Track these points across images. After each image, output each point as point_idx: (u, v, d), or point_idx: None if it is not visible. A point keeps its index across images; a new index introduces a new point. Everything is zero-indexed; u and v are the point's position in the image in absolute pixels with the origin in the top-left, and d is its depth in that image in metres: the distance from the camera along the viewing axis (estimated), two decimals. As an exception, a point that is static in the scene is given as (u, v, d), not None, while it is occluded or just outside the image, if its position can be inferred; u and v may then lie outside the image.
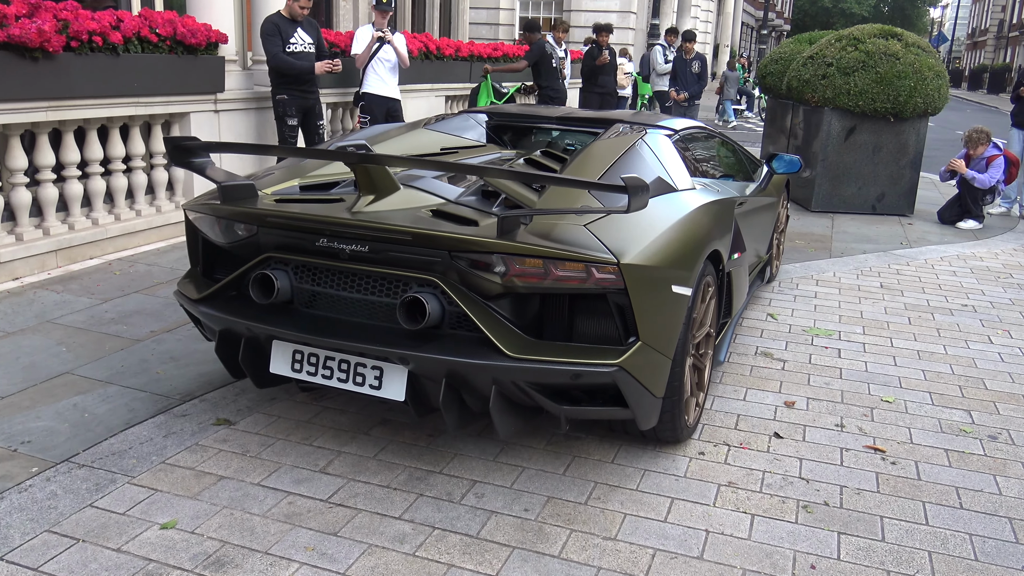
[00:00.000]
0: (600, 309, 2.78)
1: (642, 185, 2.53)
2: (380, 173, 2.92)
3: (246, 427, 3.28)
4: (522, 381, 2.68)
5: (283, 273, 2.91)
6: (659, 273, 2.84)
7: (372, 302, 2.86)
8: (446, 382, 2.74)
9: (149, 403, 3.44)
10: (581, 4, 22.86)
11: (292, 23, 6.57)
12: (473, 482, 2.94)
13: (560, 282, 2.67)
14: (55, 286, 4.86)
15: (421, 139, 4.04)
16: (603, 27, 11.20)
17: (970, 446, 3.40)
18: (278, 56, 6.45)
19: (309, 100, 6.79)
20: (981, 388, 4.02)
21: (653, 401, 2.92)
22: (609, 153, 3.46)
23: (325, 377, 2.87)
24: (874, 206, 8.60)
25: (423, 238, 2.68)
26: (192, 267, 3.41)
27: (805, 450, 3.30)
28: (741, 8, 43.83)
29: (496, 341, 2.65)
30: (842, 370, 4.17)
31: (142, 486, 2.83)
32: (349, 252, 2.80)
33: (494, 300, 2.76)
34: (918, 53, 8.23)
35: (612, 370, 2.66)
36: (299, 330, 2.82)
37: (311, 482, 2.90)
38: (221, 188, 3.04)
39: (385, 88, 7.61)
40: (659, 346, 2.85)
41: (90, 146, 5.44)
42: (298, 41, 6.57)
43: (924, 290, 5.74)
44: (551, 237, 2.69)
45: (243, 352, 3.05)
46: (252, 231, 3.01)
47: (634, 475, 3.04)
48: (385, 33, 7.50)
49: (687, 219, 3.25)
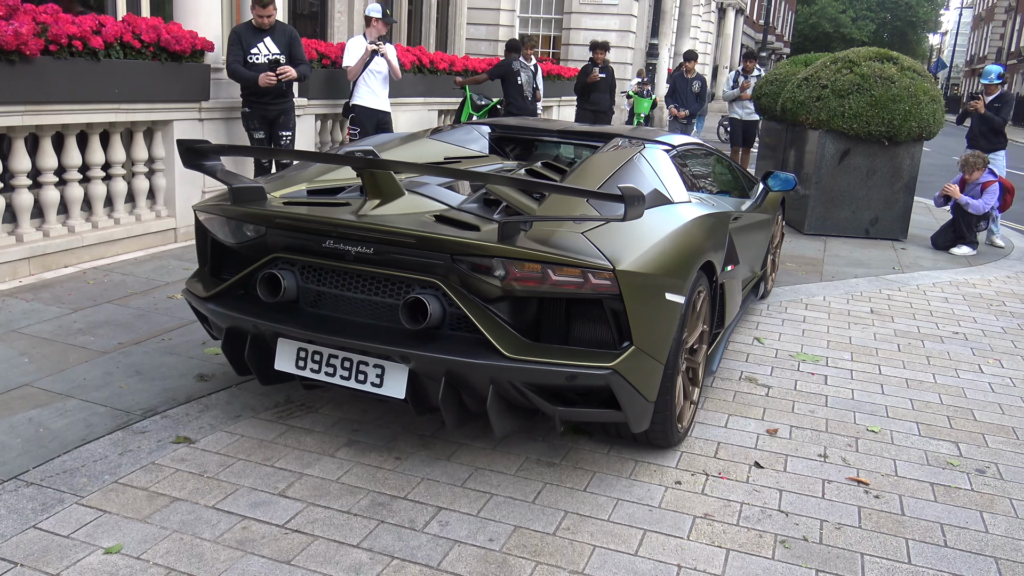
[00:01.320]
0: (596, 314, 2.87)
1: (638, 195, 2.63)
2: (386, 178, 3.01)
3: (207, 446, 3.16)
4: (518, 381, 2.76)
5: (290, 273, 3.01)
6: (653, 280, 2.93)
7: (375, 302, 2.94)
8: (445, 381, 2.82)
9: (108, 418, 3.32)
10: (581, 23, 22.90)
11: (257, 32, 6.31)
12: (438, 509, 2.82)
13: (557, 286, 2.75)
14: (25, 294, 4.74)
15: (425, 148, 4.14)
16: (598, 45, 11.16)
17: (956, 480, 3.28)
18: (230, 66, 6.27)
19: (271, 111, 6.49)
20: (970, 419, 3.91)
21: (645, 405, 2.99)
22: (607, 165, 3.55)
23: (328, 375, 2.97)
24: (867, 230, 8.51)
25: (426, 241, 2.78)
26: (200, 266, 3.50)
27: (786, 481, 3.18)
28: (741, 30, 44.00)
29: (494, 342, 2.74)
30: (828, 397, 4.06)
31: (91, 507, 2.70)
32: (354, 254, 2.89)
33: (493, 303, 2.84)
34: (913, 77, 8.17)
35: (605, 373, 2.75)
36: (304, 328, 2.92)
37: (268, 506, 2.77)
38: (232, 190, 3.14)
39: (375, 100, 7.53)
40: (652, 351, 2.93)
41: (68, 152, 5.34)
42: (260, 51, 6.30)
43: (915, 316, 5.64)
44: (550, 243, 2.78)
45: (249, 349, 3.14)
46: (260, 232, 3.10)
47: (607, 504, 2.92)
48: (379, 45, 7.42)
49: (682, 230, 3.34)
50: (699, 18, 32.66)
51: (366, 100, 7.47)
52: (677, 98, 11.40)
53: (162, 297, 4.89)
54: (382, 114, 7.61)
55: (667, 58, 25.80)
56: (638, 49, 23.68)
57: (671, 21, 26.36)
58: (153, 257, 5.76)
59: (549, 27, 23.76)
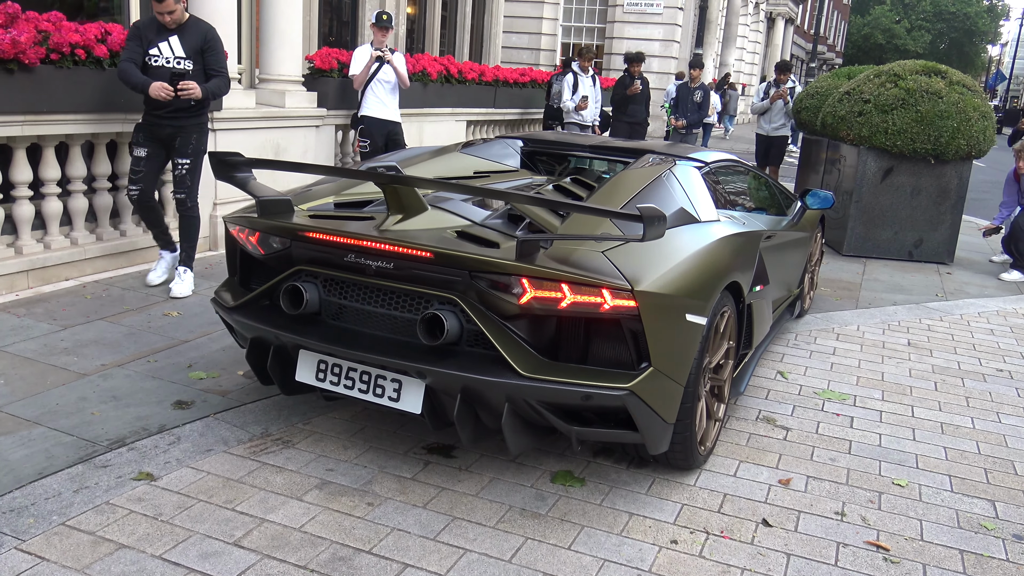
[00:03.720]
0: (614, 334, 2.83)
1: (658, 215, 2.58)
2: (408, 194, 3.03)
3: (168, 484, 2.96)
4: (534, 400, 2.74)
5: (312, 286, 3.03)
6: (673, 301, 2.88)
7: (395, 317, 2.95)
8: (461, 397, 2.82)
9: (72, 449, 3.14)
10: (624, 32, 22.59)
11: (162, 30, 4.90)
12: (404, 566, 2.57)
13: (575, 306, 2.72)
14: (18, 309, 4.62)
15: (455, 163, 4.17)
16: (634, 57, 10.89)
17: (990, 547, 2.94)
18: (120, 64, 4.87)
19: (164, 129, 4.97)
20: (1010, 473, 3.55)
21: (664, 426, 2.95)
22: (635, 183, 3.50)
23: (347, 387, 2.98)
24: (911, 252, 8.08)
25: (444, 257, 2.78)
26: (230, 276, 3.54)
27: (796, 543, 2.87)
28: (791, 40, 43.23)
29: (510, 359, 2.72)
30: (852, 443, 3.73)
31: (29, 552, 2.51)
32: (375, 268, 2.91)
33: (511, 320, 2.83)
34: (963, 92, 7.73)
35: (622, 393, 2.72)
36: (324, 341, 2.94)
37: (219, 557, 2.55)
38: (259, 202, 3.18)
39: (384, 111, 7.31)
40: (671, 373, 2.89)
41: (73, 163, 5.22)
42: (161, 53, 4.88)
43: (956, 350, 5.25)
44: (569, 262, 2.75)
45: (271, 360, 3.17)
46: (286, 244, 3.13)
47: (591, 566, 2.64)
48: (384, 52, 7.20)
49: (706, 250, 3.27)
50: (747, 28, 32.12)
51: (374, 111, 7.28)
52: (678, 107, 11.13)
53: (158, 314, 4.73)
54: (391, 124, 7.39)
55: (711, 68, 25.32)
56: (681, 59, 23.27)
57: (716, 30, 25.89)
58: (158, 270, 5.62)
59: (592, 36, 23.49)
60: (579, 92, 10.10)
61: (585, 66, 10.23)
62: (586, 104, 10.09)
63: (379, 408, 3.00)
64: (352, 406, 3.67)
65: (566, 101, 10.12)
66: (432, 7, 11.78)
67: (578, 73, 10.18)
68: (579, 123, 10.26)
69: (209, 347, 4.27)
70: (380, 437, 3.44)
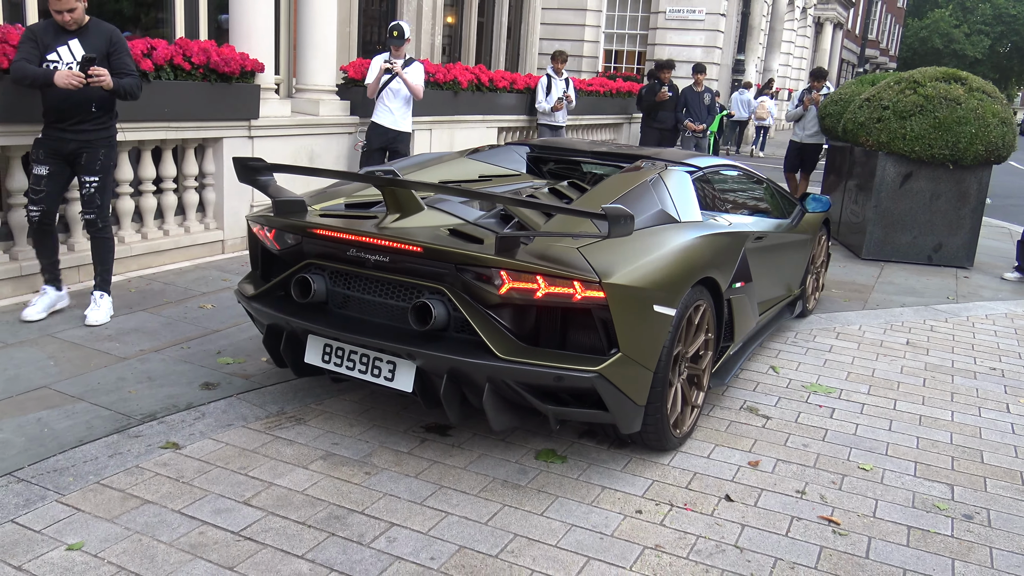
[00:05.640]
0: (588, 322, 3.14)
1: (623, 215, 2.87)
2: (405, 195, 3.39)
3: (191, 452, 3.33)
4: (511, 380, 3.05)
5: (320, 277, 3.40)
6: (641, 293, 3.15)
7: (390, 305, 3.31)
8: (448, 377, 3.14)
9: (109, 422, 3.53)
10: (666, 39, 22.73)
11: (60, 32, 4.47)
12: (390, 525, 2.90)
13: (550, 296, 3.03)
14: (70, 300, 5.07)
15: (460, 168, 4.53)
16: (664, 64, 11.16)
17: (938, 525, 3.16)
18: (13, 64, 4.47)
19: (67, 144, 4.54)
20: (976, 461, 3.75)
21: (635, 408, 3.23)
22: (621, 186, 3.80)
23: (349, 369, 3.34)
24: (930, 256, 8.19)
25: (433, 252, 3.11)
26: (252, 270, 3.93)
27: (753, 516, 3.13)
28: (840, 44, 42.76)
29: (489, 343, 3.03)
30: (828, 432, 3.95)
31: (68, 505, 2.89)
32: (373, 261, 3.25)
33: (495, 309, 3.15)
34: (982, 99, 7.83)
35: (591, 376, 3.00)
36: (330, 327, 3.30)
37: (229, 513, 2.91)
38: (275, 203, 3.55)
39: (390, 119, 7.54)
40: (640, 358, 3.16)
41: (121, 167, 5.67)
42: (61, 57, 4.45)
43: (954, 350, 5.41)
44: (545, 256, 3.05)
45: (284, 344, 3.55)
46: (297, 240, 3.51)
47: (559, 530, 2.94)
48: (394, 66, 7.44)
49: (680, 247, 3.54)
50: (793, 32, 31.95)
51: (380, 118, 7.54)
52: (691, 112, 11.32)
53: (194, 307, 5.15)
54: (394, 133, 7.60)
55: (753, 74, 25.29)
56: (724, 65, 23.34)
57: (759, 36, 25.85)
58: (197, 268, 6.07)
59: (634, 43, 23.69)
60: (553, 94, 10.40)
61: (559, 68, 10.51)
62: (562, 105, 10.43)
63: (377, 387, 3.35)
64: (361, 389, 4.02)
65: (541, 103, 10.45)
66: (469, 15, 12.15)
67: (552, 76, 10.47)
68: (551, 124, 10.58)
69: (237, 336, 4.67)
70: (384, 417, 3.78)
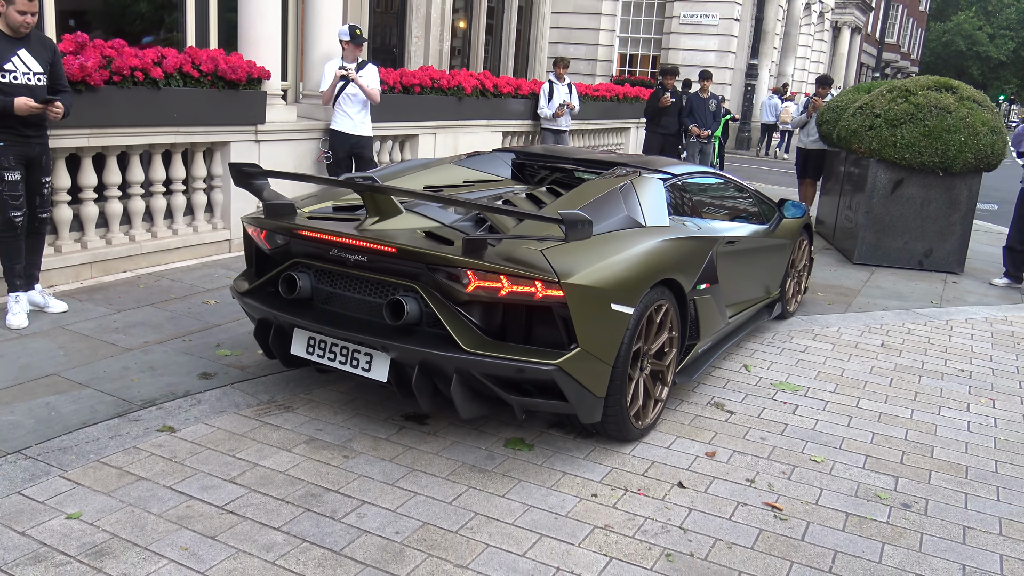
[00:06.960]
0: (550, 319, 3.37)
1: (580, 220, 3.13)
2: (384, 199, 3.64)
3: (185, 435, 3.61)
4: (476, 372, 3.29)
5: (305, 275, 3.67)
6: (599, 292, 3.38)
7: (368, 302, 3.57)
8: (419, 369, 3.39)
9: (112, 407, 3.82)
10: (680, 43, 22.93)
11: (12, 42, 4.53)
12: (361, 503, 3.16)
13: (513, 294, 3.28)
14: (81, 295, 5.38)
15: (446, 174, 4.71)
16: (668, 70, 11.38)
17: (875, 512, 3.37)
18: None
19: (33, 148, 4.72)
20: (925, 456, 3.95)
21: (594, 399, 3.47)
22: (593, 191, 4.01)
23: (330, 360, 3.60)
24: (921, 262, 8.35)
25: (406, 252, 3.36)
26: (248, 267, 4.17)
27: (701, 502, 3.36)
28: (859, 47, 42.63)
29: (455, 336, 3.29)
30: (787, 426, 4.17)
31: (69, 480, 3.18)
32: (353, 261, 3.51)
33: (464, 306, 3.40)
34: (972, 107, 7.99)
35: (551, 369, 3.24)
36: (313, 320, 3.57)
37: (215, 489, 3.18)
38: (266, 206, 3.80)
39: (350, 125, 7.42)
40: (598, 353, 3.39)
41: (132, 169, 5.99)
42: (17, 68, 4.52)
43: (926, 352, 5.60)
44: (511, 258, 3.30)
45: (272, 336, 3.82)
46: (286, 240, 3.77)
47: (517, 510, 3.19)
48: (348, 71, 7.28)
49: (641, 250, 3.76)
50: (810, 37, 31.96)
51: (340, 124, 7.44)
52: (696, 117, 11.49)
53: (198, 303, 5.44)
54: (355, 139, 7.47)
55: (767, 79, 25.38)
56: (737, 69, 23.49)
57: (773, 40, 25.93)
58: (204, 265, 6.36)
59: (648, 47, 23.89)
60: (555, 100, 10.63)
61: (560, 74, 10.73)
62: (563, 112, 10.67)
63: (355, 377, 3.62)
64: (347, 380, 4.28)
65: (542, 108, 10.70)
66: (478, 21, 12.41)
67: (554, 82, 10.70)
68: (554, 129, 10.82)
69: (236, 330, 4.95)
70: (367, 406, 4.04)
